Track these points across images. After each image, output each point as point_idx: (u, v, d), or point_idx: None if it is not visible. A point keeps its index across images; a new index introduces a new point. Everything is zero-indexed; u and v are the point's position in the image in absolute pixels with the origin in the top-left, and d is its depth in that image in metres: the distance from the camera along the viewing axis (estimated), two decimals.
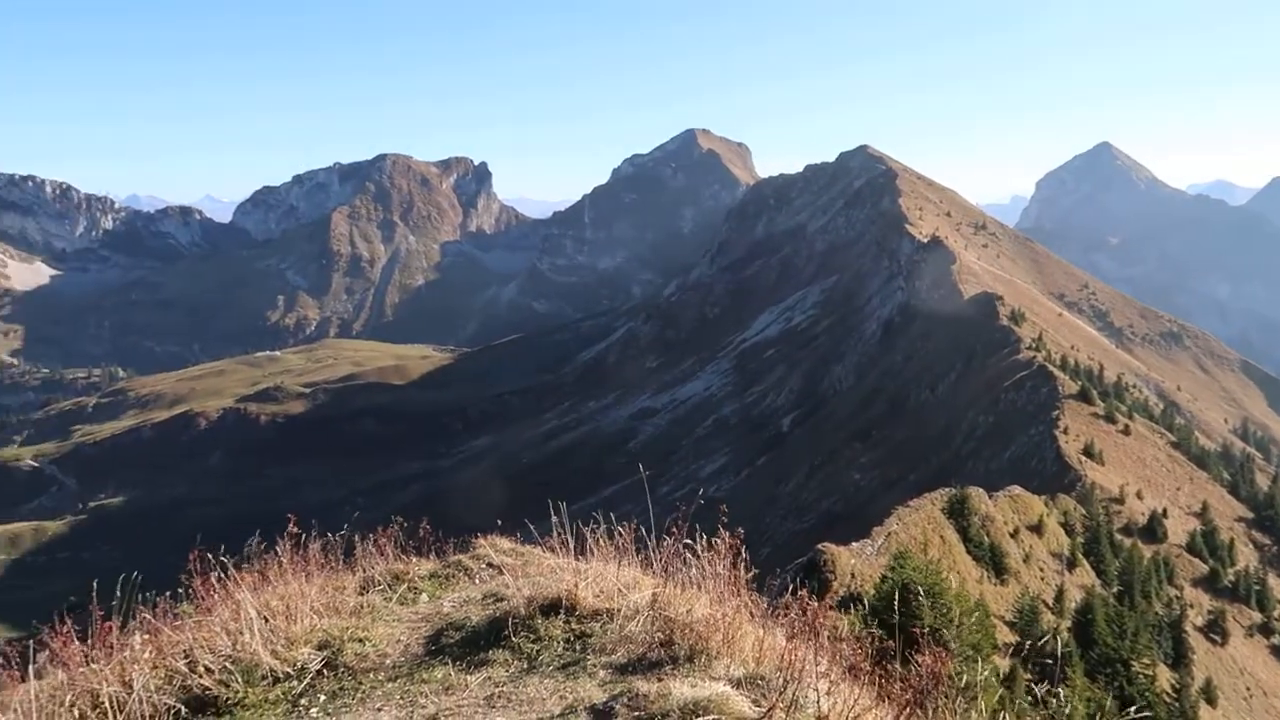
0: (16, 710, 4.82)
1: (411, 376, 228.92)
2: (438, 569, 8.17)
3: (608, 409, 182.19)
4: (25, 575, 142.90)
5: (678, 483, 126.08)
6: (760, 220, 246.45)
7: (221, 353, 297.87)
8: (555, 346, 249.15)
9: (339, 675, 5.60)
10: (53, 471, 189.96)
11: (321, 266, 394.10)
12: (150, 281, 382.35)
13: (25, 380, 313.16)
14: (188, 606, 6.60)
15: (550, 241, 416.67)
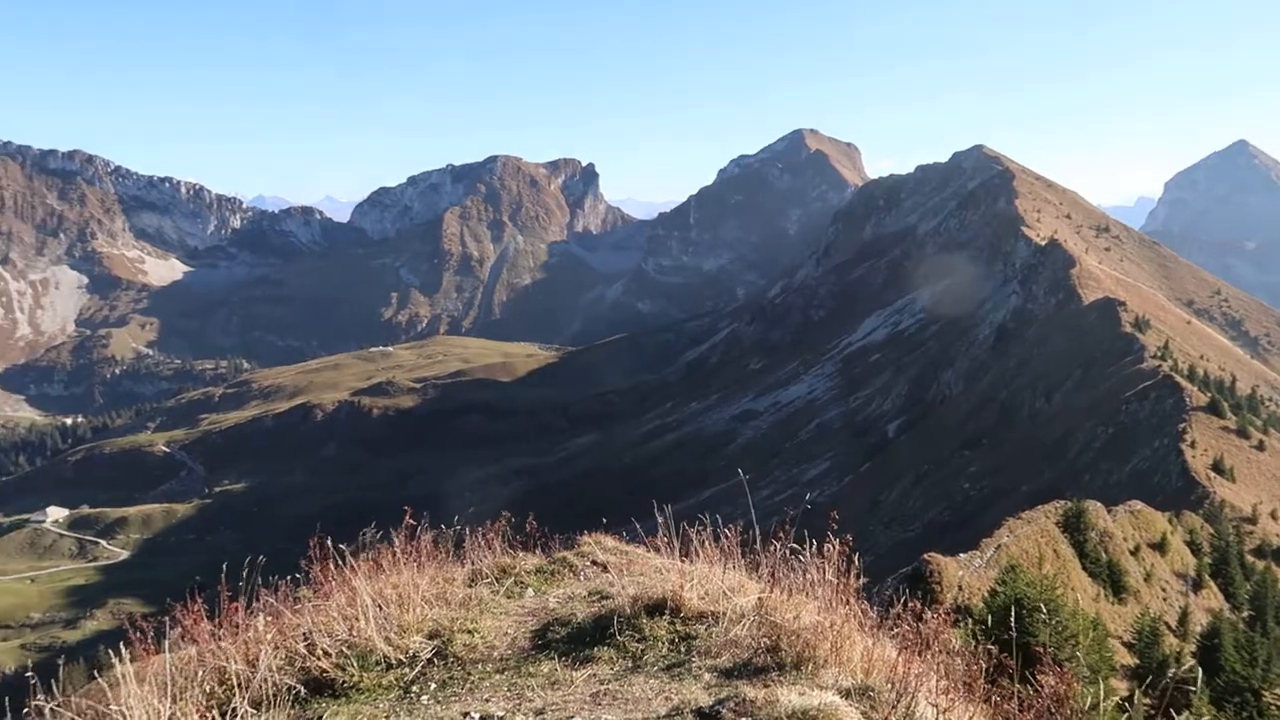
0: (151, 682, 5.08)
1: (517, 374, 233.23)
2: (543, 564, 8.28)
3: (710, 410, 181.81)
4: (156, 554, 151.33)
5: (778, 487, 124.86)
6: (869, 221, 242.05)
7: (338, 347, 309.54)
8: (658, 347, 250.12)
9: (448, 664, 5.73)
10: (182, 457, 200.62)
11: (433, 265, 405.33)
12: (273, 278, 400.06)
13: (159, 370, 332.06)
14: (307, 591, 6.86)
15: (655, 242, 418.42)
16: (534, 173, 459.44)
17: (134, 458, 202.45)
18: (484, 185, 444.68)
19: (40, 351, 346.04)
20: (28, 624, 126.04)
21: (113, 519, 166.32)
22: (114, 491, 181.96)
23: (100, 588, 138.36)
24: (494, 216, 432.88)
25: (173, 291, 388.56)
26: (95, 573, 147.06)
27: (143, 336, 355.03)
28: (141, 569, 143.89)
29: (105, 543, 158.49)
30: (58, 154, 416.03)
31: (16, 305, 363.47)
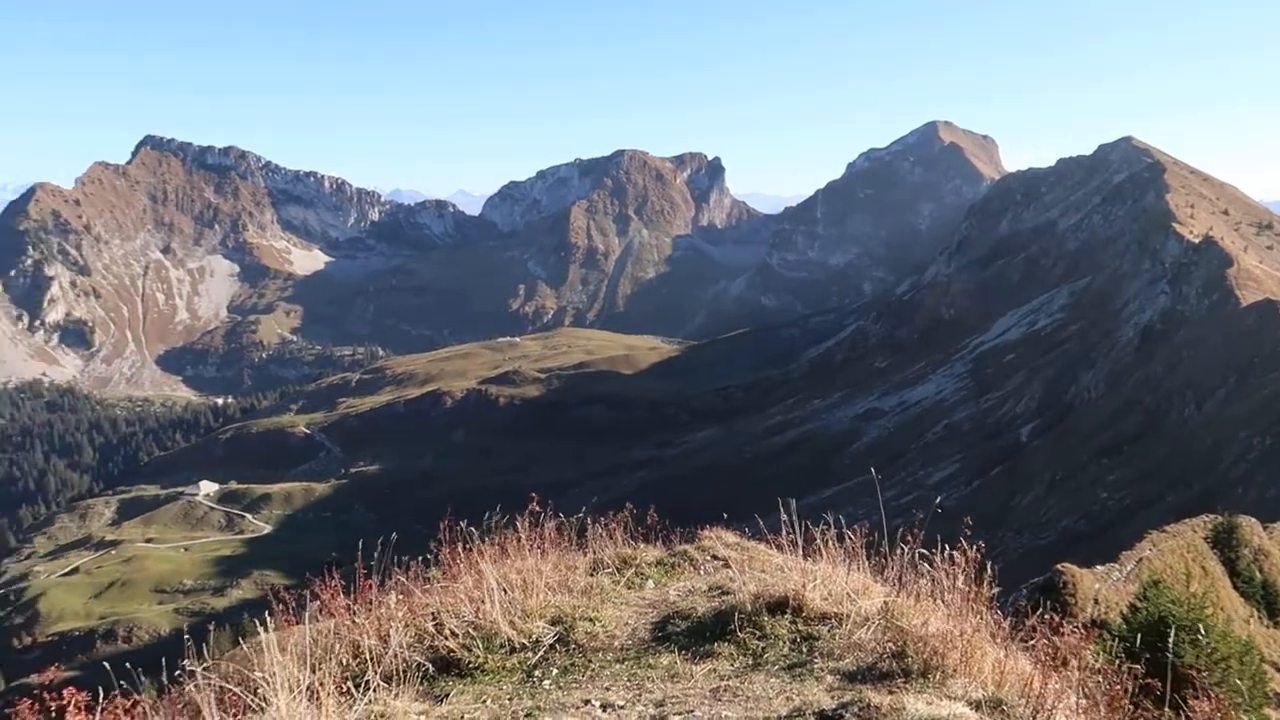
0: (290, 651, 5.33)
1: (640, 366, 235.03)
2: (664, 557, 8.31)
3: (833, 408, 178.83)
4: (295, 530, 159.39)
5: (903, 488, 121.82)
6: (1005, 217, 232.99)
7: (467, 337, 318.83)
8: (782, 342, 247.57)
9: (570, 651, 5.82)
10: (321, 439, 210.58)
11: (560, 258, 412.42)
12: (408, 269, 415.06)
13: (302, 355, 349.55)
14: (436, 572, 7.09)
15: (781, 237, 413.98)
16: (660, 167, 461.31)
17: (278, 438, 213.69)
18: (610, 179, 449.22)
19: (196, 336, 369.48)
20: (180, 590, 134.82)
21: (258, 495, 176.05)
22: (259, 469, 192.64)
23: (245, 559, 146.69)
24: (620, 210, 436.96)
25: (315, 281, 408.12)
26: (241, 545, 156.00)
27: (288, 323, 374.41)
28: (282, 543, 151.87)
29: (251, 517, 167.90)
30: (214, 150, 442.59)
31: (176, 292, 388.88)
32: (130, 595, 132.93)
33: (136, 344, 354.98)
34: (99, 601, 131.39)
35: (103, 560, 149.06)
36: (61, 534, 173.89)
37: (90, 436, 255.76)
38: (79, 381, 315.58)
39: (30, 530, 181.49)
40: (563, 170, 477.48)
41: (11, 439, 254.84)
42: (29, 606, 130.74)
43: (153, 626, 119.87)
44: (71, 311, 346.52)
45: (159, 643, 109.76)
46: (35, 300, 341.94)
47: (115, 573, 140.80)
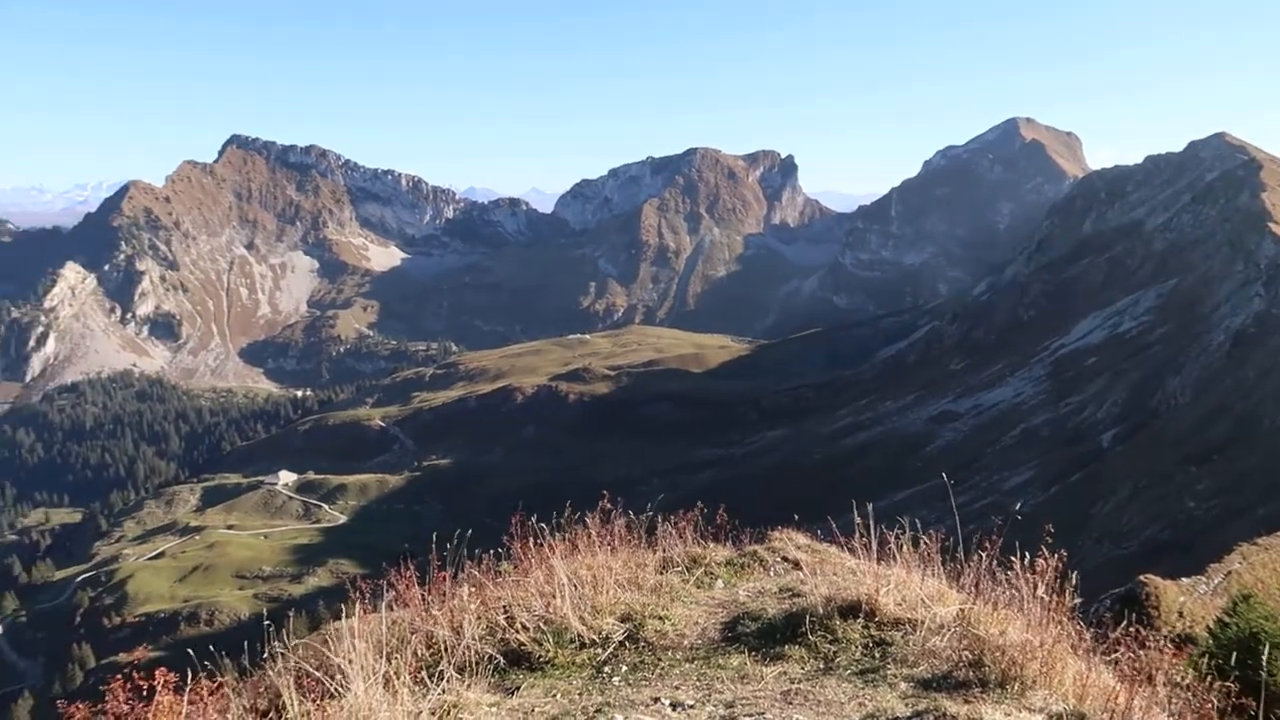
0: (367, 640, 5.45)
1: (709, 365, 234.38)
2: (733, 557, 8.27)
3: (906, 410, 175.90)
4: (370, 520, 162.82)
5: (977, 493, 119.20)
6: (1088, 216, 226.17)
7: (539, 333, 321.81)
8: (854, 342, 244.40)
9: (639, 649, 5.83)
10: (396, 432, 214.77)
11: (631, 255, 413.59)
12: (482, 266, 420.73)
13: (378, 350, 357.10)
14: (508, 566, 7.17)
15: (854, 235, 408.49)
16: (732, 165, 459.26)
17: (354, 430, 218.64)
18: (682, 177, 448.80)
19: (278, 329, 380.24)
20: (260, 576, 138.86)
21: (334, 485, 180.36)
22: (336, 460, 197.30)
23: (321, 548, 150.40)
24: (691, 208, 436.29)
25: (392, 277, 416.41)
26: (318, 534, 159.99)
27: (364, 318, 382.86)
28: (357, 533, 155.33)
29: (327, 507, 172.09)
30: (297, 149, 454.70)
31: (259, 287, 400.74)
32: (212, 580, 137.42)
33: (221, 337, 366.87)
34: (183, 585, 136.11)
35: (187, 545, 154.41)
36: (149, 519, 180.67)
37: (177, 425, 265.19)
38: (167, 372, 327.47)
39: (120, 515, 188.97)
40: (634, 168, 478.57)
41: (104, 426, 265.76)
42: (118, 588, 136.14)
43: (233, 611, 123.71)
44: (161, 305, 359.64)
45: (239, 626, 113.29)
46: (127, 294, 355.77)
47: (199, 558, 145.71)
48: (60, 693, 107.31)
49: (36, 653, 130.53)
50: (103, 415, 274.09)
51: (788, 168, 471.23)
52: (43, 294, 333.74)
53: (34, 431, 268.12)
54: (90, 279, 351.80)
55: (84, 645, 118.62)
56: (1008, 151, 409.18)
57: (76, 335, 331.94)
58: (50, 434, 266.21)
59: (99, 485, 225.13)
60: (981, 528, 6.58)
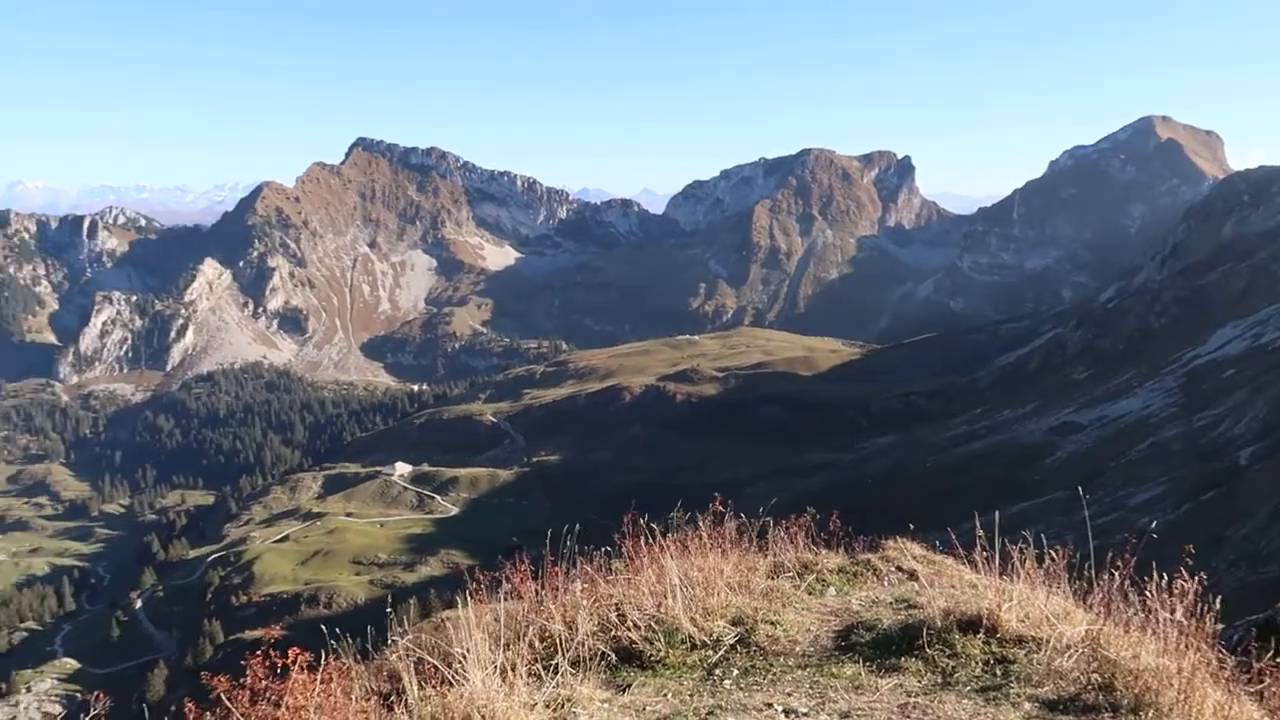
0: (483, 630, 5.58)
1: (819, 368, 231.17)
2: (846, 564, 8.13)
3: (1024, 419, 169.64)
4: (480, 512, 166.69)
5: (1101, 509, 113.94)
6: (1229, 220, 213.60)
7: (647, 333, 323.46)
8: (970, 348, 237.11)
9: (751, 653, 5.79)
10: (506, 427, 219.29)
11: (741, 257, 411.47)
12: (593, 266, 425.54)
13: (491, 347, 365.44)
14: (619, 564, 7.23)
15: (973, 238, 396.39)
16: (846, 165, 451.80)
17: (466, 425, 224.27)
18: (795, 179, 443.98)
19: (396, 325, 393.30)
20: (376, 563, 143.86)
21: (446, 478, 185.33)
22: (448, 453, 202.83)
23: (433, 538, 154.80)
24: (803, 210, 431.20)
25: (505, 276, 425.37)
26: (430, 524, 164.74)
27: (479, 316, 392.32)
28: (467, 525, 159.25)
29: (439, 498, 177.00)
30: (418, 151, 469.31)
31: (380, 284, 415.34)
32: (331, 565, 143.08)
33: (344, 332, 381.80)
34: (305, 568, 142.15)
35: (309, 530, 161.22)
36: (274, 504, 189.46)
37: (301, 415, 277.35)
38: (293, 365, 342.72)
39: (249, 499, 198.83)
40: (747, 169, 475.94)
41: (235, 415, 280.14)
42: (246, 568, 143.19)
43: (350, 595, 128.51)
44: (289, 300, 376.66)
45: (355, 610, 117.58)
46: (259, 289, 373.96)
47: (319, 543, 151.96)
48: (191, 664, 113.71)
49: (171, 625, 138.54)
50: (235, 404, 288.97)
51: (904, 168, 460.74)
52: (183, 288, 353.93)
53: (173, 418, 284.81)
54: (226, 275, 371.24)
55: (213, 621, 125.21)
56: (1141, 151, 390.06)
57: (213, 328, 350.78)
58: (188, 420, 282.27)
59: (230, 470, 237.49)
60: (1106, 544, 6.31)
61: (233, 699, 4.44)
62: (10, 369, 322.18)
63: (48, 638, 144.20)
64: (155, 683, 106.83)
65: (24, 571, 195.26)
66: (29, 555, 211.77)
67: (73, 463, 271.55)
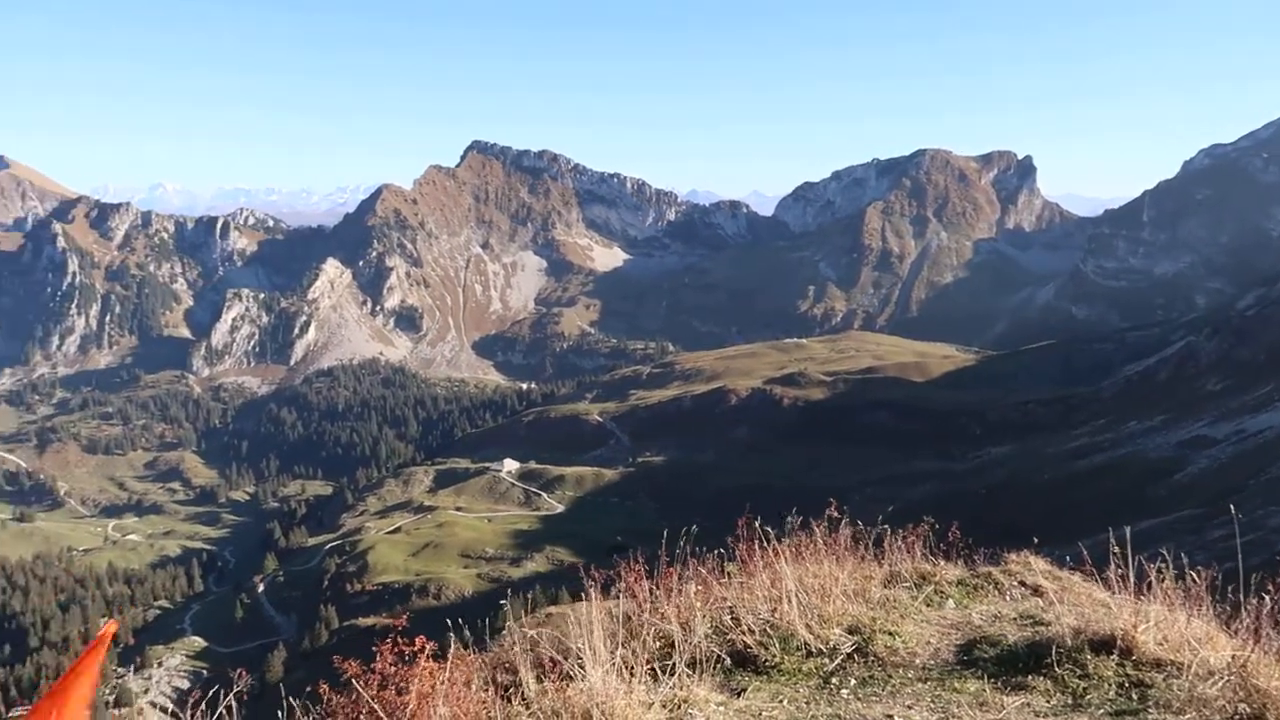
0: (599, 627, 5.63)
1: (931, 374, 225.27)
2: (965, 577, 7.89)
3: (1152, 432, 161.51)
4: (585, 511, 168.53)
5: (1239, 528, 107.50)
6: None
7: (754, 336, 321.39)
8: (1093, 356, 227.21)
9: (868, 663, 5.68)
10: (612, 427, 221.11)
11: (852, 260, 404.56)
12: (700, 268, 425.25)
13: (598, 347, 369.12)
14: (733, 567, 7.19)
15: (1098, 241, 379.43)
16: (963, 166, 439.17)
17: (573, 424, 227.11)
18: (909, 180, 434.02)
19: (507, 325, 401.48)
20: (483, 557, 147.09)
21: (552, 475, 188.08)
22: (555, 452, 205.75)
23: (539, 534, 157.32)
24: (917, 211, 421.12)
25: (613, 277, 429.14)
26: (536, 521, 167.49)
27: (587, 316, 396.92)
28: (572, 522, 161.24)
29: (546, 495, 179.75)
30: (530, 153, 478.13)
31: (492, 284, 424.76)
32: (441, 557, 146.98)
33: (457, 330, 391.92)
34: (415, 559, 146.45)
35: (420, 523, 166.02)
36: (388, 496, 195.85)
37: (415, 411, 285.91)
38: (408, 361, 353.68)
39: (364, 490, 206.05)
40: (859, 170, 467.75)
41: (353, 409, 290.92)
42: (360, 557, 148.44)
43: (458, 587, 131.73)
44: (405, 299, 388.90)
45: (463, 602, 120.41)
46: (377, 288, 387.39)
47: (430, 535, 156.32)
48: (308, 648, 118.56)
49: (290, 609, 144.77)
50: (352, 399, 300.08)
51: (1025, 169, 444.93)
52: (307, 286, 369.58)
53: (295, 410, 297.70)
54: (347, 274, 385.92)
55: (329, 607, 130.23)
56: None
57: (333, 325, 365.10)
58: (309, 413, 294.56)
59: (347, 462, 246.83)
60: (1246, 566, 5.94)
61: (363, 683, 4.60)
62: (149, 361, 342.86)
63: (178, 616, 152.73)
64: (274, 663, 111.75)
65: (158, 553, 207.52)
66: (163, 537, 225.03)
67: (203, 451, 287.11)
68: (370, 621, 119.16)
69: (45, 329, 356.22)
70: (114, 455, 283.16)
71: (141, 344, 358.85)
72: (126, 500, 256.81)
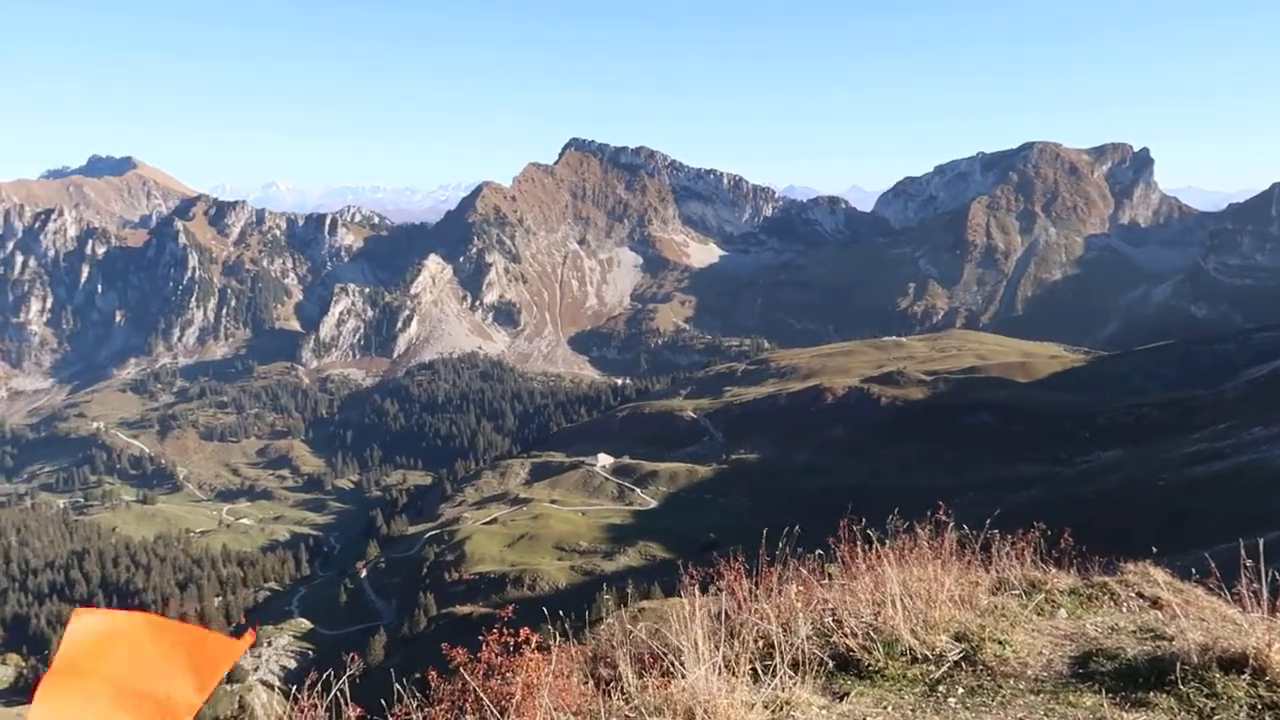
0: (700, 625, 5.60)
1: (1037, 375, 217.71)
2: (1078, 586, 7.59)
3: (1278, 440, 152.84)
4: (678, 507, 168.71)
5: None
6: None
7: (851, 334, 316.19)
8: (1214, 358, 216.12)
9: (977, 672, 5.51)
10: (706, 424, 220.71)
11: (954, 256, 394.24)
12: (797, 264, 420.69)
13: (693, 344, 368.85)
14: (835, 569, 7.08)
15: (1221, 238, 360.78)
16: (1074, 159, 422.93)
17: (666, 420, 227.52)
18: (1016, 174, 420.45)
19: (602, 320, 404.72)
20: (576, 550, 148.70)
21: (646, 471, 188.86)
22: (649, 447, 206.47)
23: (632, 529, 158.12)
24: (1024, 207, 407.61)
25: (709, 273, 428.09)
26: (629, 515, 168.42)
27: (681, 312, 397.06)
28: (665, 518, 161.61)
29: (639, 490, 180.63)
30: (627, 150, 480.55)
31: (588, 280, 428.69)
32: (535, 549, 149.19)
33: (553, 325, 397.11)
34: (511, 551, 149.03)
35: (516, 515, 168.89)
36: (485, 487, 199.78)
37: (512, 405, 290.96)
38: (505, 356, 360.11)
39: (462, 481, 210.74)
40: (963, 165, 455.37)
41: (452, 402, 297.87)
42: (458, 547, 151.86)
43: (552, 579, 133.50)
44: (503, 295, 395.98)
45: (557, 594, 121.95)
46: (477, 283, 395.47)
47: (525, 527, 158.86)
48: (407, 634, 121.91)
49: (390, 595, 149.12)
50: (452, 391, 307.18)
51: (1141, 162, 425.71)
52: (410, 282, 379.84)
53: (397, 402, 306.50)
54: (448, 269, 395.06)
55: (428, 594, 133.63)
56: None
57: (434, 319, 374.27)
58: (410, 405, 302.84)
59: (446, 453, 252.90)
60: None
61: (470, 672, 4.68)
62: (262, 353, 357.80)
63: (286, 598, 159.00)
64: (375, 647, 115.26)
65: (268, 536, 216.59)
66: (273, 522, 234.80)
67: (311, 440, 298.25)
68: (467, 610, 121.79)
69: (167, 321, 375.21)
70: (228, 442, 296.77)
71: (255, 336, 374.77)
72: (239, 486, 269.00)
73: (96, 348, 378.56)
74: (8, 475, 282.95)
